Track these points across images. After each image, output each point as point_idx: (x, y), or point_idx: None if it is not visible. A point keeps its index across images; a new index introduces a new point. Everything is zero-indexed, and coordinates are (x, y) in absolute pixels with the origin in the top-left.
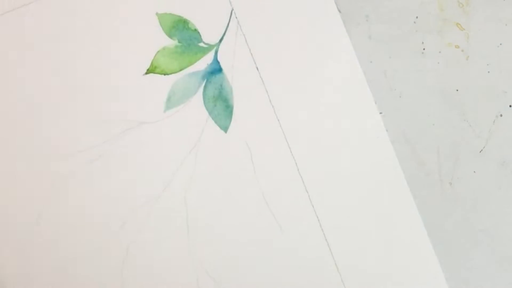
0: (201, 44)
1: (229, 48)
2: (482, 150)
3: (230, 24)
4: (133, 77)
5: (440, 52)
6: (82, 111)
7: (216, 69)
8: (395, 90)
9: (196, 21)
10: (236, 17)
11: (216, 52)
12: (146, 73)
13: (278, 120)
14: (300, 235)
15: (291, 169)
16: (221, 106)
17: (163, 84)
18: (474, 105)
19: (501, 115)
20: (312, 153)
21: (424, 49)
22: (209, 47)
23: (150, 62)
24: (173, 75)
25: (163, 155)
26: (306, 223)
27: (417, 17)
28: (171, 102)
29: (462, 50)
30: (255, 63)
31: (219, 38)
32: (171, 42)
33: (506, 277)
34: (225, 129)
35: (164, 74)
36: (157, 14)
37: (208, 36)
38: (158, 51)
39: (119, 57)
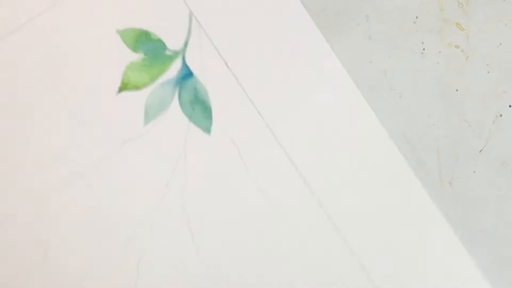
0: (167, 52)
1: (195, 51)
2: (482, 150)
3: (191, 27)
4: (108, 98)
5: (440, 52)
6: (69, 133)
7: (187, 74)
8: (395, 90)
9: (158, 31)
10: (196, 19)
11: (183, 57)
12: (119, 91)
13: (258, 111)
14: (301, 220)
15: (281, 156)
16: (199, 109)
17: (138, 99)
18: (474, 105)
19: (501, 115)
20: (299, 137)
21: (424, 49)
22: (176, 53)
23: (120, 80)
24: (146, 88)
25: (152, 168)
26: (306, 208)
27: (417, 17)
28: (149, 115)
29: (462, 50)
30: (224, 60)
31: (184, 42)
32: (137, 56)
33: (506, 277)
34: (207, 130)
35: (137, 89)
36: (118, 31)
37: (173, 43)
38: (127, 67)
39: (90, 80)
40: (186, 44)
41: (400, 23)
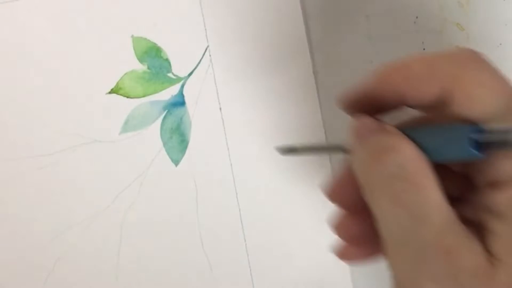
0: (170, 75)
1: (196, 83)
2: None
3: (202, 60)
4: (96, 94)
5: None
6: (39, 118)
7: (179, 102)
8: None
9: (170, 51)
10: (210, 55)
11: (182, 85)
12: (109, 93)
13: (231, 165)
14: (229, 280)
15: (234, 217)
16: (176, 139)
17: (124, 106)
18: None
19: None
20: (258, 209)
21: (424, 49)
22: (177, 79)
23: (115, 82)
24: (135, 99)
25: (109, 177)
26: (237, 270)
27: (417, 17)
28: (128, 126)
29: None
30: (219, 103)
31: (189, 72)
32: (140, 67)
33: None
34: (176, 162)
35: (127, 97)
36: (132, 36)
37: (178, 68)
38: (126, 73)
39: (86, 71)
40: (190, 74)
41: (400, 23)
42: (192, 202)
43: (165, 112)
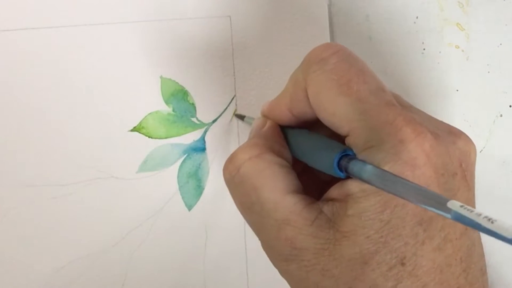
0: (194, 120)
1: (219, 131)
2: (482, 150)
3: (228, 109)
4: (118, 130)
5: (440, 52)
6: (60, 148)
7: (200, 148)
8: (395, 90)
9: (196, 96)
10: (236, 105)
11: (205, 131)
12: (131, 130)
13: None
14: None
15: (240, 270)
16: (193, 184)
17: (145, 146)
18: (474, 105)
19: (501, 115)
20: (265, 266)
21: (424, 49)
22: (201, 124)
23: (138, 121)
24: (157, 140)
25: (121, 214)
26: None
27: (417, 17)
28: (147, 165)
29: (462, 50)
30: None
31: (213, 119)
32: (165, 108)
33: (506, 278)
34: (189, 207)
35: (149, 137)
36: (161, 77)
37: (203, 113)
38: (150, 113)
39: (111, 106)
40: (214, 121)
41: (400, 23)
42: (201, 249)
43: (185, 156)
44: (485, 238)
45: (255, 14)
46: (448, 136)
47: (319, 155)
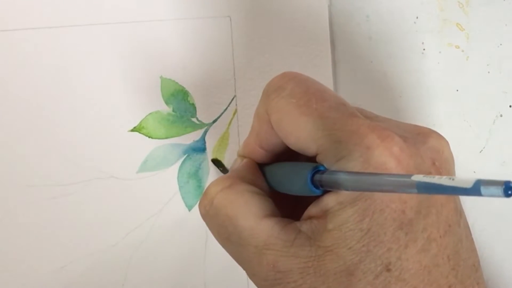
0: (194, 120)
1: (219, 131)
2: (482, 150)
3: (228, 109)
4: (118, 130)
5: (440, 52)
6: (60, 148)
7: (200, 148)
8: (395, 90)
9: (196, 96)
10: (236, 105)
11: (205, 132)
12: (131, 131)
13: None
14: None
15: (241, 269)
16: (193, 185)
17: (144, 146)
18: (474, 105)
19: (501, 115)
20: None
21: (424, 49)
22: (201, 124)
23: (138, 121)
24: (157, 140)
25: (121, 214)
26: None
27: (417, 17)
28: (147, 165)
29: (462, 50)
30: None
31: (213, 119)
32: (165, 108)
33: (506, 278)
34: (189, 207)
35: (149, 137)
36: (161, 77)
37: (203, 114)
38: (150, 113)
39: (111, 107)
40: (215, 121)
41: (400, 23)
42: (201, 249)
43: (185, 156)
44: (485, 238)
45: (255, 14)
46: (418, 137)
47: (293, 179)
